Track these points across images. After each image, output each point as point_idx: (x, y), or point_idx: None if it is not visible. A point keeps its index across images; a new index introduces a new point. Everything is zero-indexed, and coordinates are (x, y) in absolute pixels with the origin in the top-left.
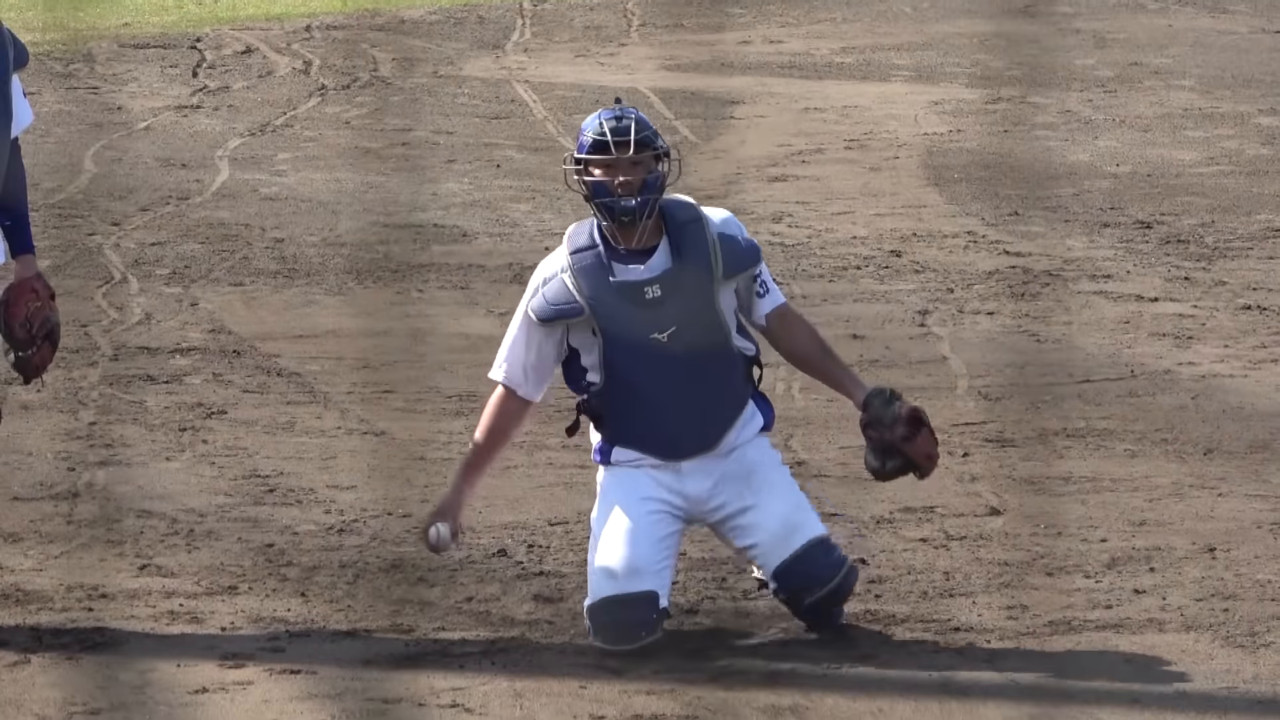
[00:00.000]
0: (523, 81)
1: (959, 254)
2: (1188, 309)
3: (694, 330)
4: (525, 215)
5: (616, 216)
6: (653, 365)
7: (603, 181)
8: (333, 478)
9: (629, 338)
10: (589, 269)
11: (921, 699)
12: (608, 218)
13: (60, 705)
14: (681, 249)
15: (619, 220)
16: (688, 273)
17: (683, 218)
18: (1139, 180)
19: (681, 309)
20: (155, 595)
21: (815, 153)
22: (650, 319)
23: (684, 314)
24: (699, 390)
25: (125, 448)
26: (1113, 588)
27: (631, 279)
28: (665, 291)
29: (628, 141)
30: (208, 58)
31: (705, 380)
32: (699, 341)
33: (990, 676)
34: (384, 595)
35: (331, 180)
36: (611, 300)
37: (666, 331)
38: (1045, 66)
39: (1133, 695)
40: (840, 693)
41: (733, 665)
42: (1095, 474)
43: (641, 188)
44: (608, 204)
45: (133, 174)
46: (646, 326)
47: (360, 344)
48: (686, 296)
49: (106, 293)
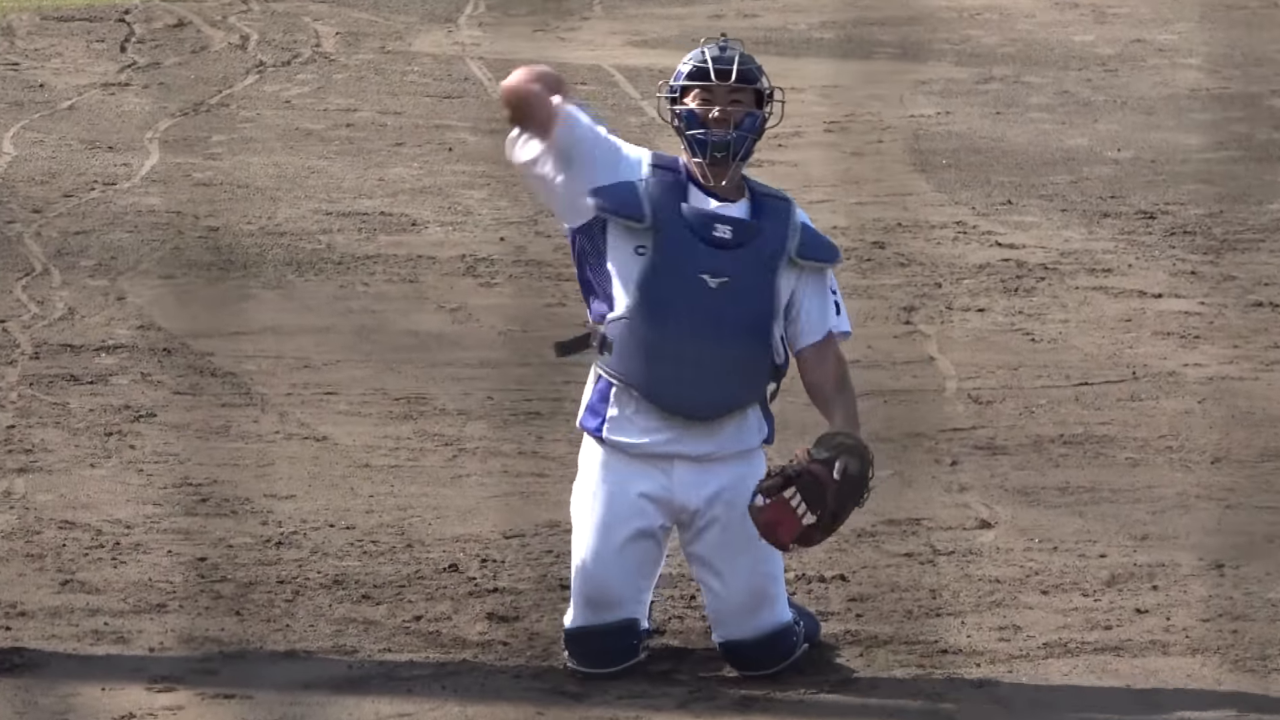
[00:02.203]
0: (477, 59)
1: (947, 246)
2: (1194, 306)
3: (745, 291)
4: (479, 203)
5: (709, 150)
6: (689, 308)
7: (696, 111)
8: (270, 486)
9: (678, 269)
10: (666, 184)
11: None
12: (699, 152)
13: None
14: (762, 214)
15: (711, 155)
16: (762, 235)
17: (770, 192)
18: (1142, 167)
19: (743, 263)
20: (78, 613)
21: (792, 136)
22: (708, 258)
23: (743, 269)
24: (724, 354)
25: (46, 453)
26: (1113, 607)
27: (706, 209)
28: (734, 237)
29: (729, 71)
30: (137, 31)
31: (733, 346)
32: (745, 304)
33: (980, 704)
34: (325, 614)
35: (270, 164)
36: (677, 222)
37: (720, 279)
38: (1040, 43)
39: None
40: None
41: (702, 691)
42: (1094, 484)
43: (738, 124)
44: (700, 136)
45: (55, 157)
46: (701, 264)
47: (300, 342)
48: (752, 254)
49: (26, 285)
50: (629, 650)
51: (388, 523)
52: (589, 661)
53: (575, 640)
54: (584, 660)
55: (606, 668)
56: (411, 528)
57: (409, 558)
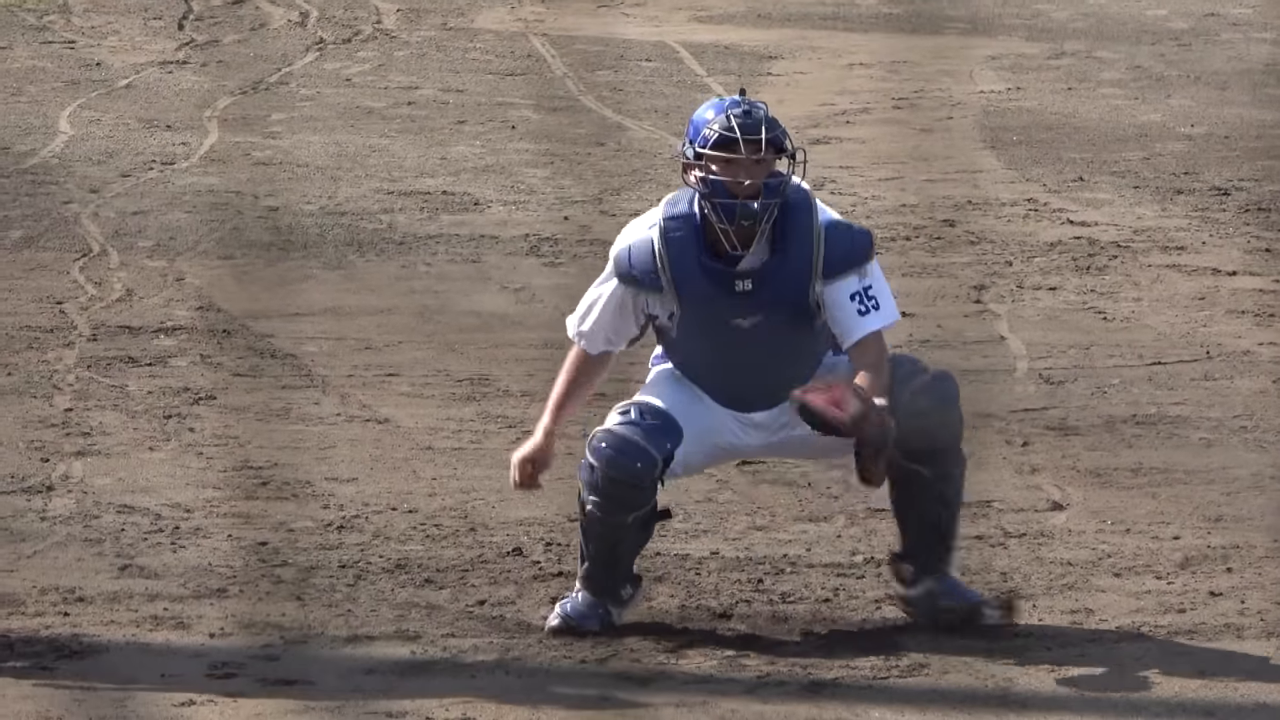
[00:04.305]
0: (540, 35)
1: (1018, 224)
2: (1269, 284)
3: (780, 320)
4: (543, 181)
5: (736, 219)
6: (727, 347)
7: (723, 181)
8: (332, 469)
9: (709, 323)
10: (681, 241)
11: (977, 712)
12: (725, 220)
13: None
14: (784, 238)
15: (738, 223)
16: (785, 267)
17: (788, 199)
18: (1215, 143)
19: (771, 300)
20: (137, 599)
21: (860, 113)
22: (735, 305)
23: (773, 305)
24: (770, 368)
25: (104, 436)
26: (1186, 589)
27: (724, 267)
28: (756, 285)
29: (758, 141)
30: (195, 8)
31: (778, 360)
32: (783, 329)
33: (1052, 687)
34: (387, 599)
35: (330, 143)
36: (698, 280)
37: (751, 319)
38: (1113, 18)
39: (1207, 708)
40: (888, 705)
41: (770, 675)
42: (1167, 465)
43: (766, 190)
44: (727, 206)
45: (113, 136)
46: (729, 312)
47: (362, 323)
48: (779, 289)
49: (84, 266)
50: (648, 475)
51: (450, 506)
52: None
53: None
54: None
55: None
56: (475, 511)
57: (472, 541)
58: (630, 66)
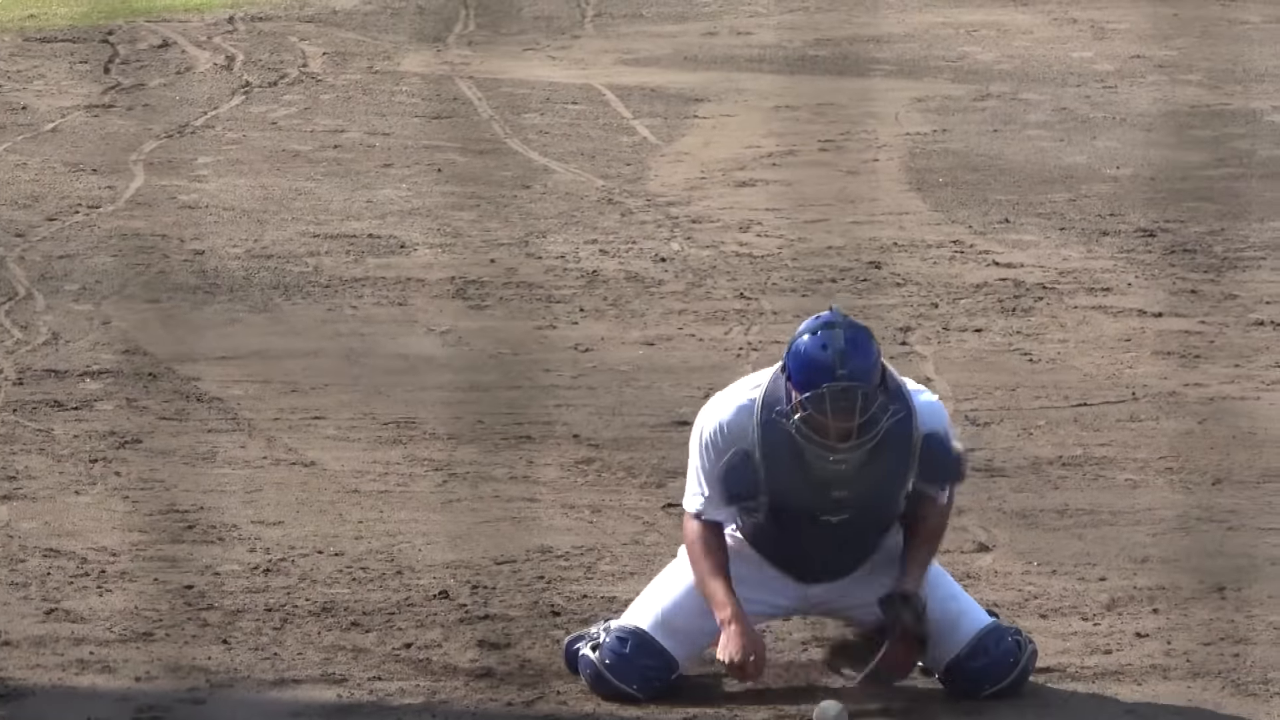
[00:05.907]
0: (466, 77)
1: (944, 265)
2: (1194, 325)
3: (866, 515)
4: (469, 224)
5: (826, 462)
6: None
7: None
8: (258, 513)
9: (799, 517)
10: (779, 445)
11: None
12: (815, 459)
13: None
14: (883, 444)
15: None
16: (881, 470)
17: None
18: (1141, 184)
19: (862, 498)
20: (63, 642)
21: (787, 155)
22: (828, 505)
23: (862, 502)
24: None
25: (30, 480)
26: (1113, 631)
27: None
28: (852, 489)
29: (850, 428)
30: (121, 52)
31: (859, 540)
32: (868, 521)
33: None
34: (314, 642)
35: (256, 186)
36: (795, 483)
37: (839, 516)
38: (1039, 60)
39: None
40: None
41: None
42: (1093, 506)
43: (857, 432)
44: (819, 448)
45: (39, 180)
46: (820, 509)
47: (288, 366)
48: (871, 488)
49: (10, 310)
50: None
51: (377, 549)
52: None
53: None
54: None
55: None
56: (401, 554)
57: (399, 584)
58: (557, 109)
